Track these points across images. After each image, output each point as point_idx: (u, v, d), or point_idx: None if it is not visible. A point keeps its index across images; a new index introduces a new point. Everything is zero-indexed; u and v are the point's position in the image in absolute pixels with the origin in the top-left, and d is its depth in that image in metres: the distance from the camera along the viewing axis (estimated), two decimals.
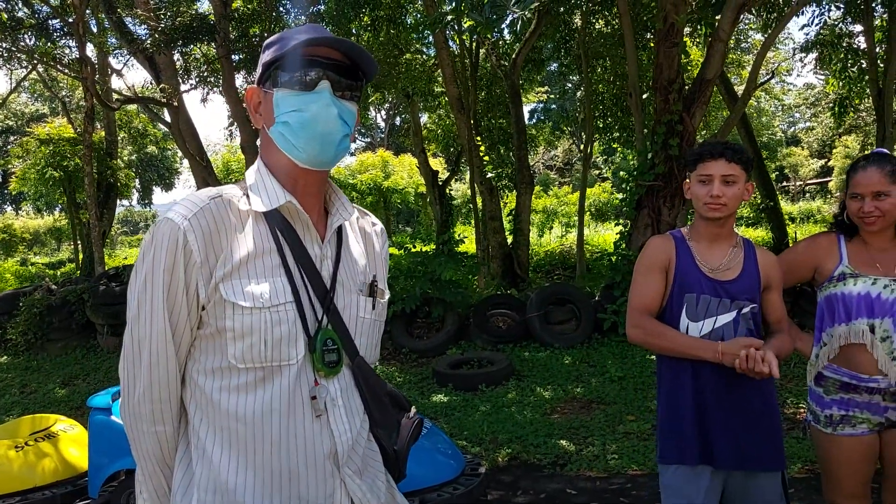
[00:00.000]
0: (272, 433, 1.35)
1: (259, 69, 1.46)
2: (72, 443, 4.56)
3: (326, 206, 1.53)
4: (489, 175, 13.01)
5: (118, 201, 17.97)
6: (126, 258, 23.32)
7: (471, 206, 14.91)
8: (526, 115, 23.45)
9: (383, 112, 34.10)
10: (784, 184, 32.56)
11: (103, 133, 16.20)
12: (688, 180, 2.49)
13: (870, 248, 2.51)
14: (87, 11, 11.73)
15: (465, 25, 8.16)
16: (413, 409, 1.62)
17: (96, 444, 4.02)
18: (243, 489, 1.35)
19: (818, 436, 2.59)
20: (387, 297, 1.64)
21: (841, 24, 12.83)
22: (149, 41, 10.40)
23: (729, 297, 2.40)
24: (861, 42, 12.43)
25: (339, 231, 1.53)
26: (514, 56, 13.24)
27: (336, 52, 1.41)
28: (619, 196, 8.41)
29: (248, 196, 1.42)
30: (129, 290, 1.38)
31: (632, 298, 2.52)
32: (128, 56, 13.19)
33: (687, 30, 11.07)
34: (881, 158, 2.48)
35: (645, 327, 2.45)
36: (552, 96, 22.27)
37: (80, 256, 17.62)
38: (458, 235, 15.97)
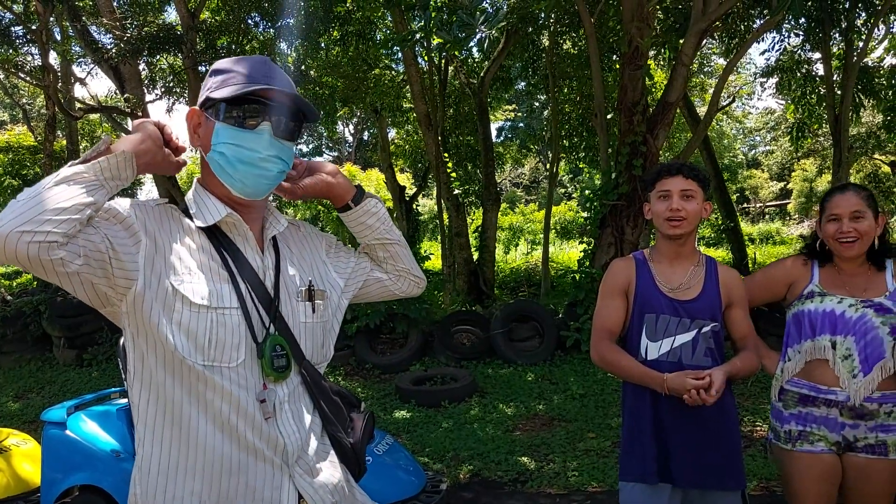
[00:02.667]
0: (217, 429, 1.39)
1: (203, 93, 1.49)
2: (24, 457, 4.45)
3: (263, 222, 1.60)
4: (456, 191, 13.08)
5: None
6: None
7: (437, 221, 14.94)
8: (494, 133, 23.62)
9: (351, 127, 34.07)
10: (745, 205, 33.18)
11: (65, 142, 15.93)
12: (647, 202, 2.54)
13: (842, 273, 2.57)
14: (52, 19, 11.58)
15: (434, 43, 8.22)
16: (363, 405, 1.70)
17: (50, 458, 3.93)
18: (191, 473, 1.40)
19: (779, 453, 2.62)
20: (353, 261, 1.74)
21: (800, 51, 13.19)
22: (114, 50, 10.26)
23: (689, 316, 2.45)
24: (819, 69, 12.79)
25: (275, 242, 1.59)
26: (482, 74, 13.36)
27: (281, 96, 1.47)
28: (584, 215, 8.52)
29: (189, 217, 1.49)
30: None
31: (595, 321, 2.59)
32: (92, 65, 13.01)
33: (651, 53, 11.28)
34: (857, 186, 2.58)
35: (602, 353, 2.52)
36: (520, 114, 22.47)
37: None
38: (424, 251, 15.98)
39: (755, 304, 2.72)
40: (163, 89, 11.82)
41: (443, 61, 13.51)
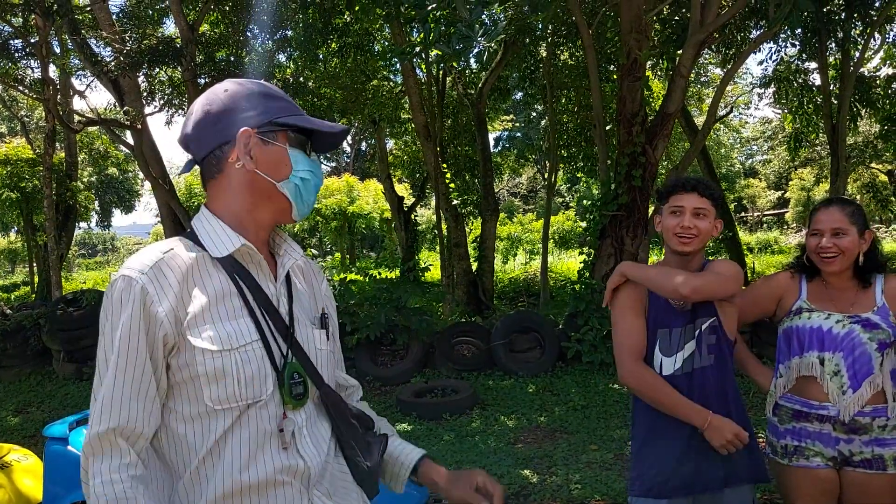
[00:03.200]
0: (238, 468, 1.40)
1: (258, 116, 1.48)
2: (26, 473, 4.42)
3: (271, 247, 1.60)
4: (454, 202, 13.10)
5: (77, 223, 17.65)
6: (84, 282, 22.84)
7: (436, 232, 14.97)
8: (491, 143, 23.67)
9: (349, 137, 34.15)
10: (742, 214, 33.29)
11: (63, 154, 15.94)
12: (659, 214, 2.55)
13: (829, 288, 2.57)
14: (51, 32, 11.60)
15: (433, 55, 8.26)
16: (377, 427, 1.71)
17: (52, 474, 3.92)
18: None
19: (776, 467, 2.62)
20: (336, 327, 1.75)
21: (796, 61, 13.27)
22: (113, 63, 10.30)
23: (690, 321, 2.45)
24: (816, 79, 12.85)
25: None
26: (480, 85, 13.41)
27: (323, 124, 1.54)
28: (583, 224, 8.57)
29: (199, 244, 1.48)
30: (98, 355, 1.39)
31: (620, 340, 2.52)
32: (91, 78, 13.02)
33: (649, 64, 11.34)
34: (843, 201, 2.59)
35: (641, 376, 2.46)
36: (517, 125, 22.54)
37: (36, 279, 17.24)
38: (423, 262, 15.98)
39: (746, 321, 2.72)
40: (162, 102, 11.83)
41: (441, 72, 13.56)
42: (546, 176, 18.72)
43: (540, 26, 11.16)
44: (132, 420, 1.34)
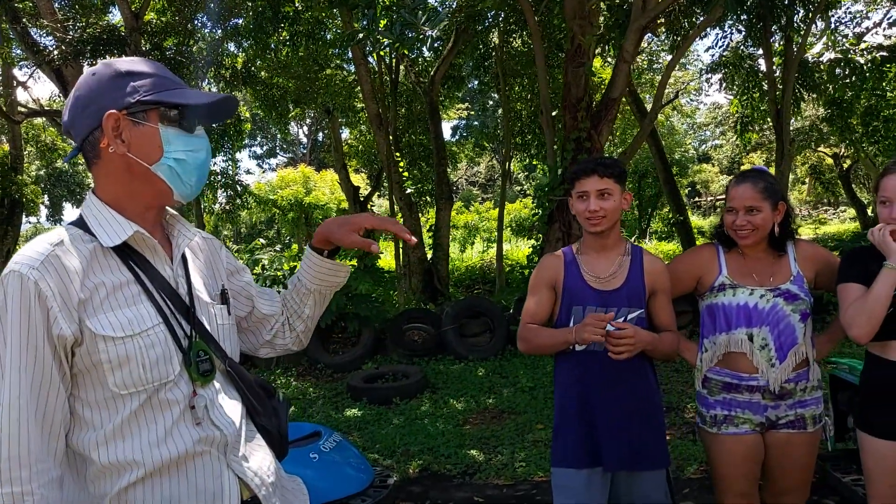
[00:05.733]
0: (154, 445, 1.43)
1: (125, 97, 1.44)
2: None
3: (165, 228, 1.60)
4: (409, 191, 13.10)
5: (24, 218, 17.25)
6: None
7: None
8: (448, 132, 23.68)
9: (305, 128, 33.87)
10: (696, 199, 33.85)
11: (7, 147, 15.56)
12: (572, 198, 2.62)
13: (747, 259, 2.64)
14: None
15: (384, 42, 8.24)
16: (279, 393, 1.77)
17: None
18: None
19: (705, 436, 2.70)
20: (247, 277, 1.81)
21: (742, 47, 13.52)
22: (56, 52, 10.08)
23: (615, 305, 2.53)
24: (762, 64, 13.12)
25: None
26: (432, 73, 13.41)
27: (197, 97, 1.50)
28: (538, 211, 8.69)
29: (89, 232, 1.45)
30: None
31: (522, 315, 2.67)
32: (34, 67, 12.72)
33: (598, 50, 11.45)
34: (756, 175, 2.63)
35: (523, 335, 2.62)
36: (473, 113, 22.58)
37: None
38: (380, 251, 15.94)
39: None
40: None
41: (394, 60, 13.53)
42: (502, 164, 18.82)
43: (489, 14, 11.19)
44: (42, 438, 1.34)
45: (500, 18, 11.66)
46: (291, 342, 1.87)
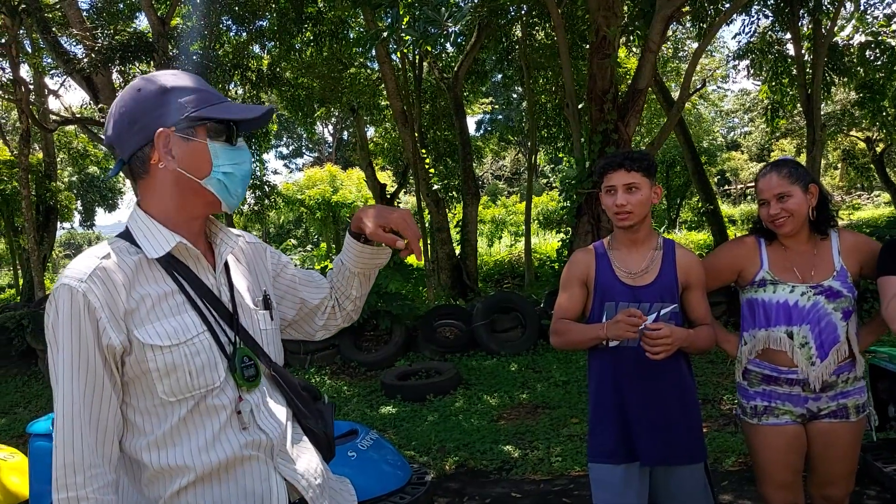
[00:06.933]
0: (204, 450, 1.46)
1: (173, 113, 1.47)
2: (13, 471, 4.46)
3: (208, 236, 1.63)
4: (435, 187, 13.12)
5: (59, 224, 17.57)
6: None
7: (418, 218, 15.01)
8: (473, 126, 23.63)
9: (330, 127, 34.03)
10: (726, 187, 33.43)
11: (41, 155, 15.84)
12: (601, 193, 2.61)
13: (788, 252, 2.60)
14: (21, 31, 11.51)
15: (406, 40, 8.25)
16: (325, 397, 1.80)
17: (37, 471, 3.94)
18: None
19: (746, 427, 2.68)
20: (291, 270, 1.82)
21: (770, 32, 13.32)
22: (85, 60, 10.24)
23: (647, 300, 2.51)
24: (790, 49, 12.92)
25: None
26: (456, 68, 13.40)
27: (242, 111, 1.54)
28: (565, 204, 8.65)
29: (135, 244, 1.49)
30: (51, 369, 1.41)
31: (555, 309, 2.66)
32: (64, 76, 12.95)
33: (623, 40, 11.37)
34: (779, 164, 2.60)
35: (555, 329, 2.62)
36: (497, 107, 22.52)
37: (21, 282, 17.17)
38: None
39: (706, 292, 2.73)
40: None
41: (417, 57, 13.54)
42: (528, 157, 18.75)
43: (512, 8, 11.15)
44: (95, 444, 1.39)
45: (523, 11, 11.61)
46: (342, 320, 1.90)
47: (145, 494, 1.47)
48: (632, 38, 10.68)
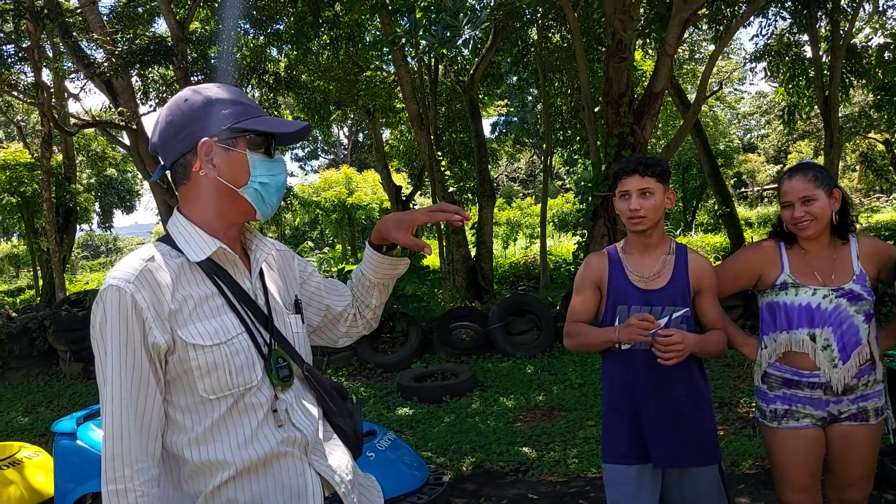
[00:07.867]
0: (242, 447, 1.53)
1: (216, 124, 1.55)
2: (37, 469, 4.53)
3: (243, 242, 1.71)
4: (451, 189, 13.16)
5: (78, 225, 17.75)
6: (87, 283, 23.01)
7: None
8: (488, 129, 23.66)
9: (346, 129, 34.16)
10: (742, 190, 33.25)
11: (61, 157, 16.02)
12: (615, 197, 2.65)
13: (808, 256, 2.61)
14: (43, 36, 11.66)
15: (422, 44, 8.29)
16: (353, 397, 1.86)
17: (62, 469, 4.02)
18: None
19: (765, 431, 2.69)
20: (316, 278, 1.89)
21: (787, 34, 13.26)
22: (106, 64, 10.36)
23: (659, 304, 2.55)
24: (808, 51, 12.85)
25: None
26: (472, 71, 13.44)
27: (281, 125, 1.62)
28: (581, 206, 8.66)
29: (176, 248, 1.57)
30: (97, 366, 1.47)
31: (568, 312, 2.71)
32: (85, 80, 13.10)
33: (639, 43, 11.35)
34: (805, 167, 2.61)
35: (568, 332, 2.67)
36: (512, 109, 22.53)
37: (41, 283, 17.37)
38: None
39: (724, 296, 2.75)
40: (156, 101, 11.89)
41: (433, 60, 13.59)
42: (543, 160, 18.75)
43: (528, 11, 11.17)
44: (141, 440, 1.44)
45: (539, 14, 11.63)
46: (363, 328, 1.96)
47: (184, 489, 1.53)
48: (648, 40, 10.66)
